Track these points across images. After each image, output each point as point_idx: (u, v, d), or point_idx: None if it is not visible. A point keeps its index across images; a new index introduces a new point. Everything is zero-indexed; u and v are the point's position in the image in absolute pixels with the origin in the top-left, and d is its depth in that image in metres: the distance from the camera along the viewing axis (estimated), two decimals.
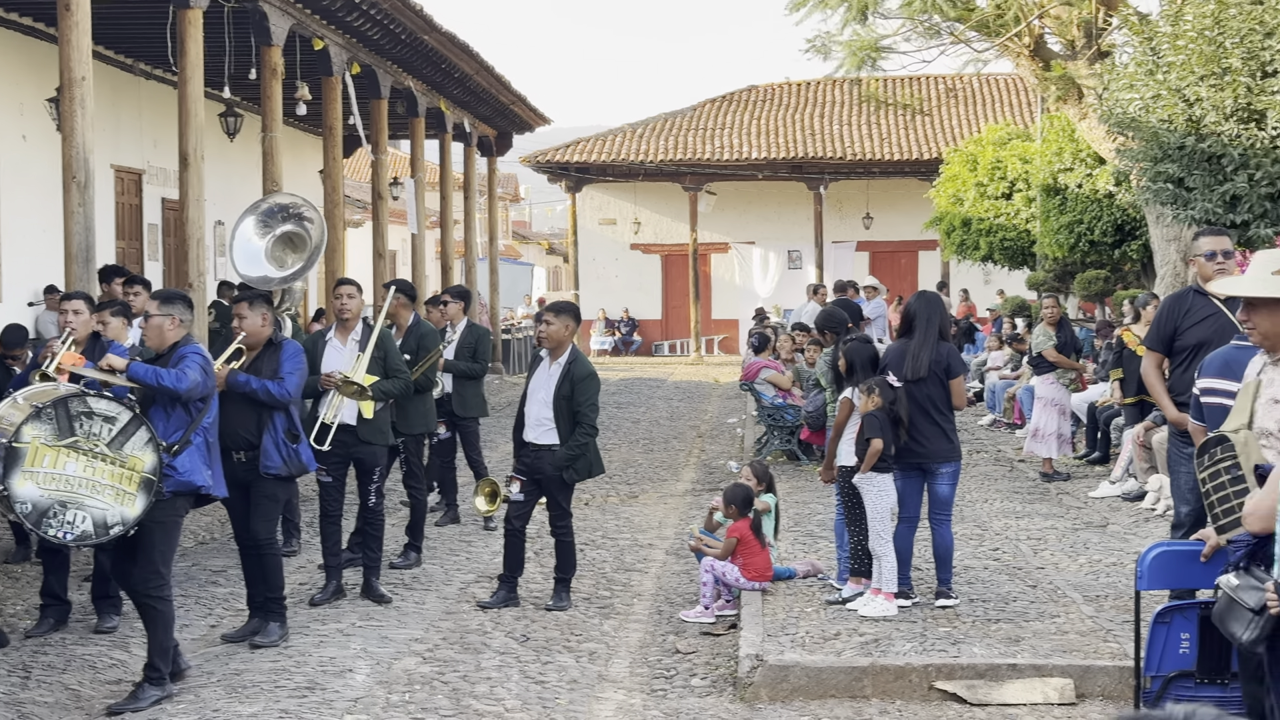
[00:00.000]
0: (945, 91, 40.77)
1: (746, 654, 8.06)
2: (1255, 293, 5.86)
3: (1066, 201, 23.79)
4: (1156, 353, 8.72)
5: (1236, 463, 5.54)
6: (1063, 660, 7.88)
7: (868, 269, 38.08)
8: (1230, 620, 5.01)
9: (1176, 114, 12.84)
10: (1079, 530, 12.09)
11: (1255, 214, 12.29)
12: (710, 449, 18.77)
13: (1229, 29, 12.47)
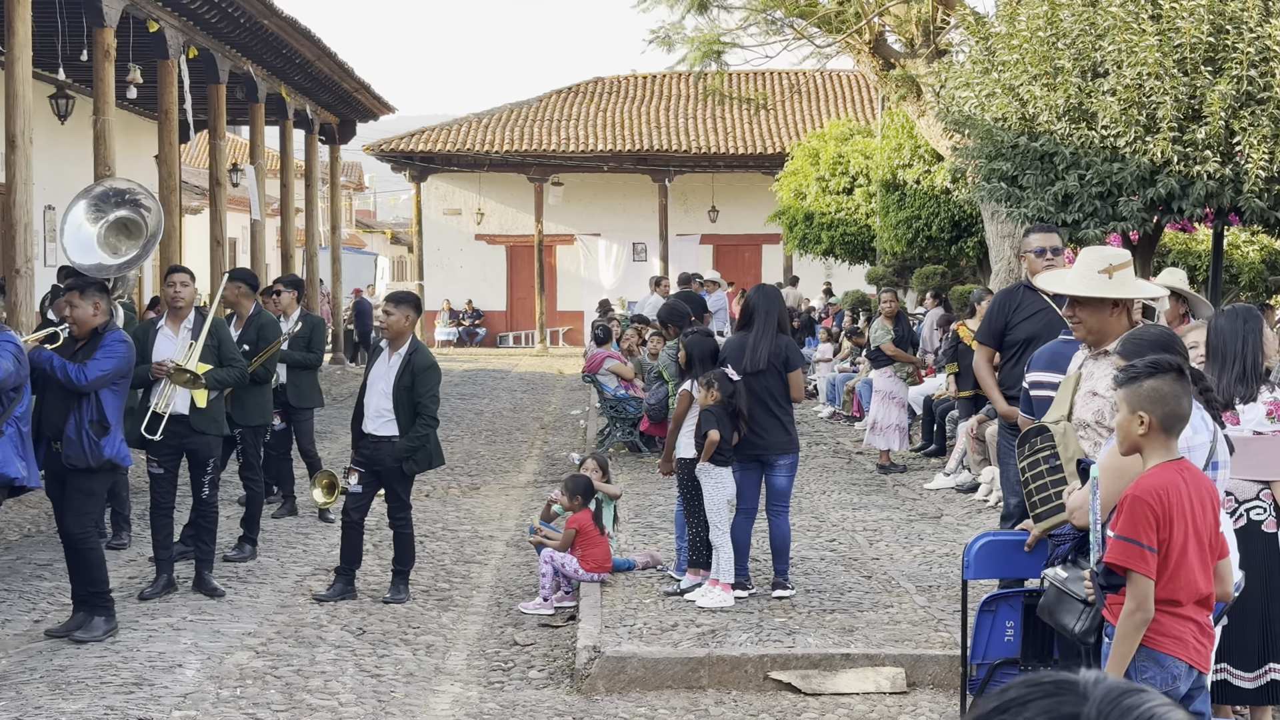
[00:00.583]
0: (789, 87, 41.18)
1: (584, 645, 8.06)
2: (1078, 291, 6.01)
3: (905, 197, 24.19)
4: (988, 347, 8.89)
5: (1055, 453, 5.66)
6: (895, 650, 8.00)
7: (712, 262, 38.34)
8: (1060, 612, 5.12)
9: (1010, 113, 13.08)
10: (914, 521, 12.28)
11: (1086, 213, 12.55)
12: (553, 440, 18.75)
13: (1061, 30, 12.73)
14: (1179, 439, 4.79)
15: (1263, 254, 20.80)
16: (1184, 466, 4.75)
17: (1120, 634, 4.64)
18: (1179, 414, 4.69)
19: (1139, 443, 4.73)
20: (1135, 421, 4.69)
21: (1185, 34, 11.92)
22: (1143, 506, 4.59)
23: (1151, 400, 4.66)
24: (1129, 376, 4.73)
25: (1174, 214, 12.52)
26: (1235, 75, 11.78)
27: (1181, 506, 4.63)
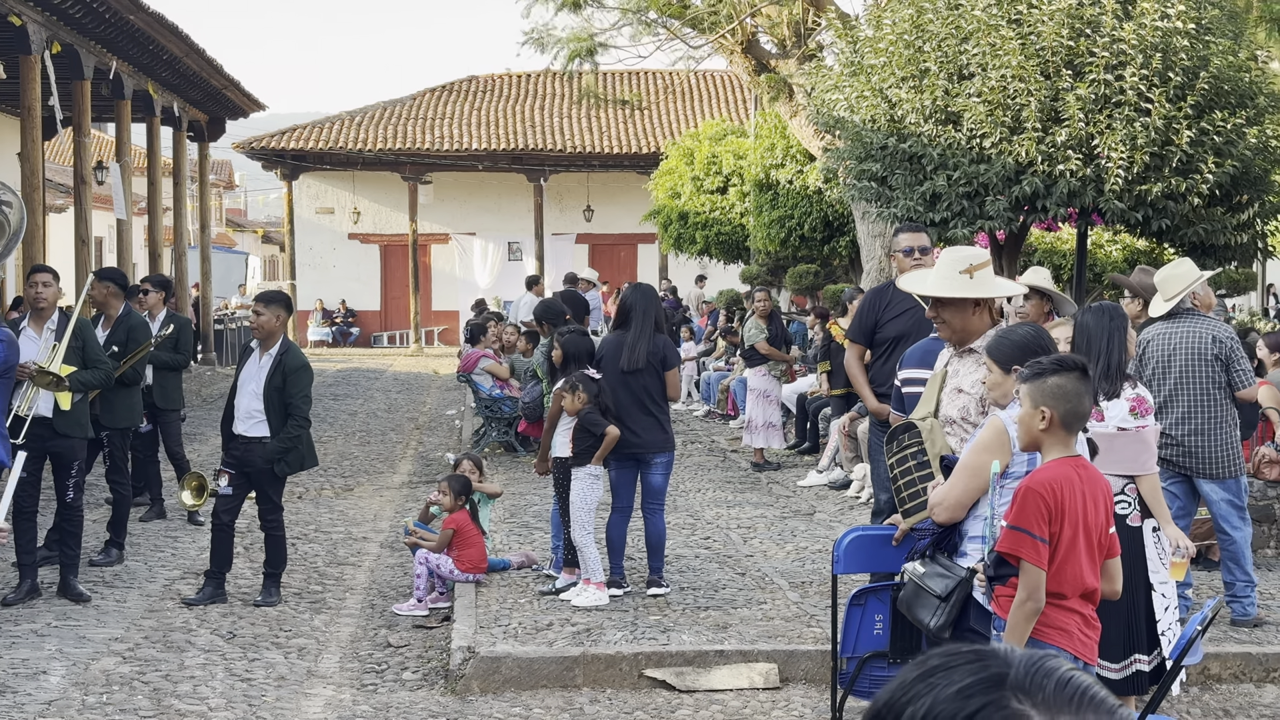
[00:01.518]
0: (663, 87, 41.32)
1: (458, 646, 8.03)
2: (938, 292, 6.12)
3: (778, 197, 24.39)
4: (859, 345, 8.99)
5: (922, 449, 5.75)
6: (768, 645, 8.07)
7: (588, 261, 38.35)
8: (917, 607, 5.19)
9: (879, 114, 13.25)
10: (787, 518, 12.40)
11: (953, 212, 12.76)
12: (428, 441, 18.65)
13: (927, 33, 12.93)
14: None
15: (1125, 253, 21.27)
16: (1080, 464, 4.85)
17: (1011, 624, 4.71)
18: (1079, 412, 4.79)
19: (1039, 437, 4.81)
20: (1037, 416, 4.77)
21: (1046, 38, 12.17)
22: (1036, 498, 4.68)
23: (1054, 396, 4.75)
24: (1034, 373, 4.82)
25: (1039, 213, 12.77)
26: (1093, 79, 12.04)
27: (1074, 501, 4.73)
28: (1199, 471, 8.40)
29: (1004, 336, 5.50)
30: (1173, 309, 8.49)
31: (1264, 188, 13.32)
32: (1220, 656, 7.91)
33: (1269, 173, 13.36)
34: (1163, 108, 11.94)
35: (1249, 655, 7.96)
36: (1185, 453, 8.37)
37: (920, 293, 6.30)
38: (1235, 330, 14.80)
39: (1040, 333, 5.58)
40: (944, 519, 5.23)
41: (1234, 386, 8.41)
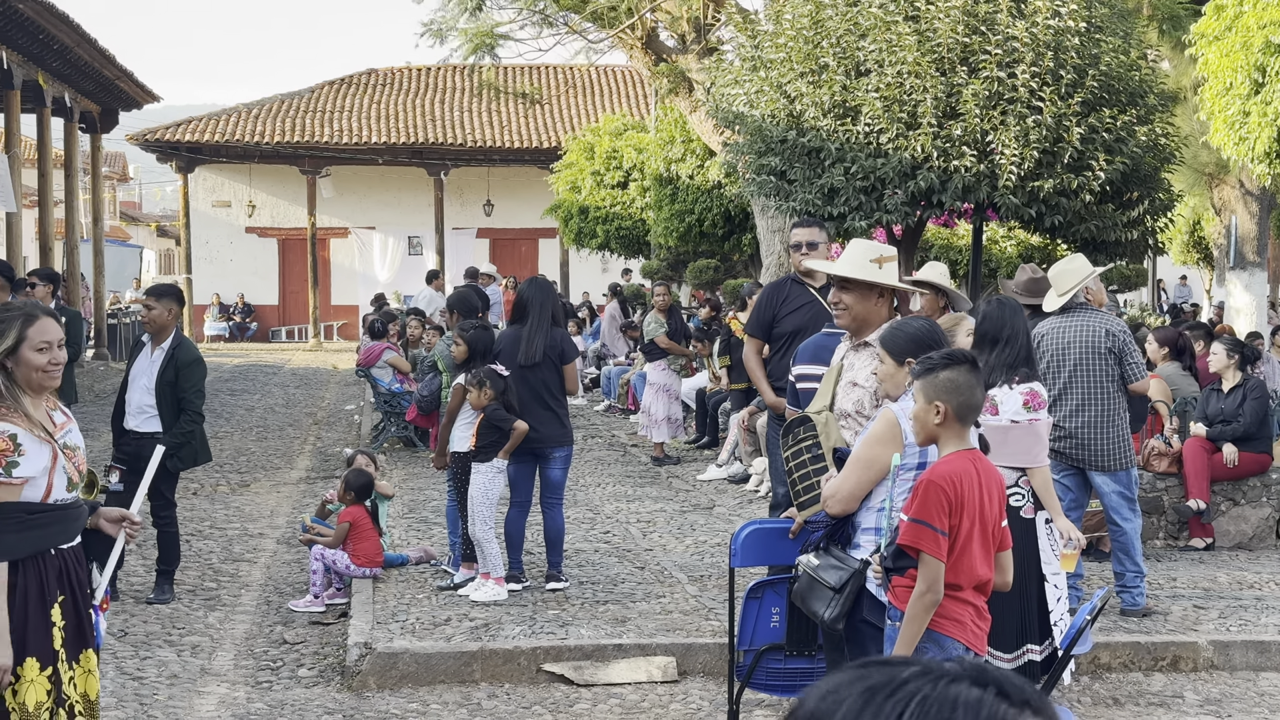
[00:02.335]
0: (564, 81, 41.27)
1: (355, 642, 7.97)
2: (848, 274, 6.17)
3: (679, 192, 24.44)
4: (756, 339, 9.02)
5: (817, 442, 5.79)
6: (667, 639, 8.09)
7: (489, 256, 38.23)
8: (811, 599, 5.22)
9: (778, 109, 13.32)
10: (687, 512, 12.43)
11: (851, 206, 12.85)
12: (327, 436, 18.48)
13: (826, 29, 13.02)
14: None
15: (1019, 249, 21.55)
16: (976, 456, 4.90)
17: (910, 614, 4.75)
18: (972, 404, 4.84)
19: (935, 432, 4.85)
20: (931, 411, 4.81)
21: (942, 34, 12.30)
22: (937, 491, 4.72)
23: (947, 390, 4.79)
24: (925, 368, 4.85)
25: (935, 208, 12.90)
26: (987, 75, 12.19)
27: (972, 494, 4.77)
28: (1091, 464, 8.53)
29: (897, 329, 5.54)
30: (1066, 304, 8.61)
31: (1153, 185, 13.56)
32: (1110, 646, 8.03)
33: (1158, 170, 13.60)
34: (1054, 105, 12.11)
35: (1138, 644, 8.10)
36: (1078, 445, 8.49)
37: (832, 273, 6.33)
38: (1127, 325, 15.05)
39: (934, 327, 5.63)
40: (837, 511, 5.26)
41: (1126, 380, 8.54)
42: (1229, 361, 11.06)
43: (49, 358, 4.77)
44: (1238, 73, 12.77)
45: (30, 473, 4.67)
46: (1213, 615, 8.68)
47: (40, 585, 4.69)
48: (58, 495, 4.78)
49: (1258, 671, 8.02)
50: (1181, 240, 29.14)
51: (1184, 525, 10.97)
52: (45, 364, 4.75)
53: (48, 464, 4.73)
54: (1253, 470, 11.00)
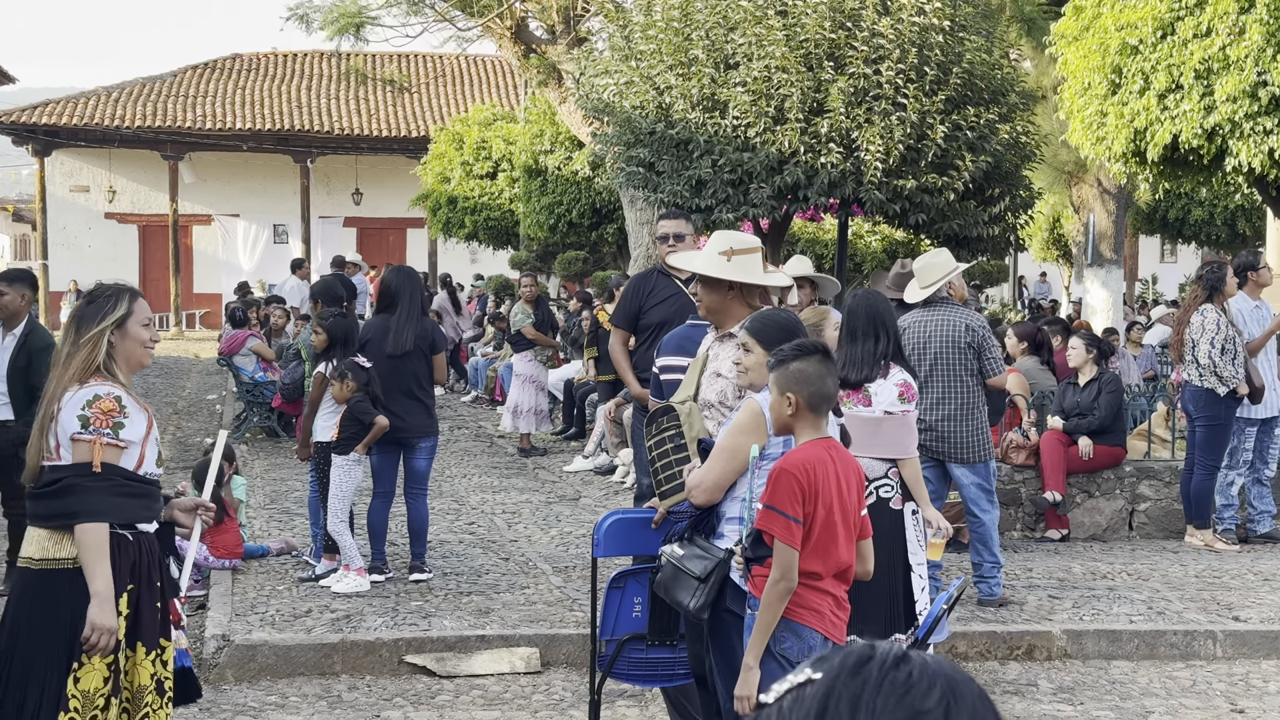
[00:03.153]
0: (433, 70, 40.98)
1: (212, 634, 7.85)
2: (696, 268, 6.21)
3: (548, 183, 24.40)
4: (622, 330, 9.02)
5: (680, 432, 5.79)
6: (530, 630, 8.06)
7: (356, 245, 37.85)
8: (676, 589, 5.22)
9: (648, 100, 13.33)
10: (552, 504, 12.40)
11: (719, 199, 12.91)
12: (187, 426, 18.16)
13: (695, 22, 13.07)
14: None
15: (884, 244, 21.81)
16: (832, 445, 4.93)
17: (765, 603, 4.77)
18: (824, 393, 4.86)
19: (789, 423, 4.88)
20: (784, 403, 4.83)
21: (810, 30, 12.40)
22: (790, 479, 4.74)
23: (798, 381, 4.82)
24: (777, 360, 4.88)
25: (801, 203, 13.00)
26: (853, 72, 12.31)
27: (827, 482, 4.80)
28: (950, 456, 8.64)
29: (767, 319, 5.56)
30: (928, 298, 8.71)
31: (1015, 183, 13.79)
32: (967, 635, 8.16)
33: (1020, 168, 13.84)
34: (918, 102, 12.26)
35: (994, 634, 8.23)
36: (937, 438, 8.60)
37: (687, 268, 6.37)
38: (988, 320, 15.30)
39: (797, 319, 5.66)
40: (701, 501, 5.28)
41: (985, 374, 8.67)
42: (1086, 356, 11.28)
43: (150, 334, 4.99)
44: (1095, 73, 13.03)
45: (132, 437, 4.81)
46: (1067, 605, 8.85)
47: (114, 572, 4.74)
48: (148, 468, 4.89)
49: (1109, 660, 8.20)
50: (1042, 237, 29.75)
51: (1040, 516, 11.17)
52: (147, 339, 4.96)
53: (144, 433, 4.86)
54: (1107, 463, 11.23)
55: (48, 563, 4.75)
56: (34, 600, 4.76)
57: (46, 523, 4.77)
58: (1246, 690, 7.69)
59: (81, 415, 4.73)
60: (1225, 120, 12.05)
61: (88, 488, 4.72)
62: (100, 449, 4.73)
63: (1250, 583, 9.63)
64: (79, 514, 4.69)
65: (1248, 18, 11.80)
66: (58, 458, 4.78)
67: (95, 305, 4.89)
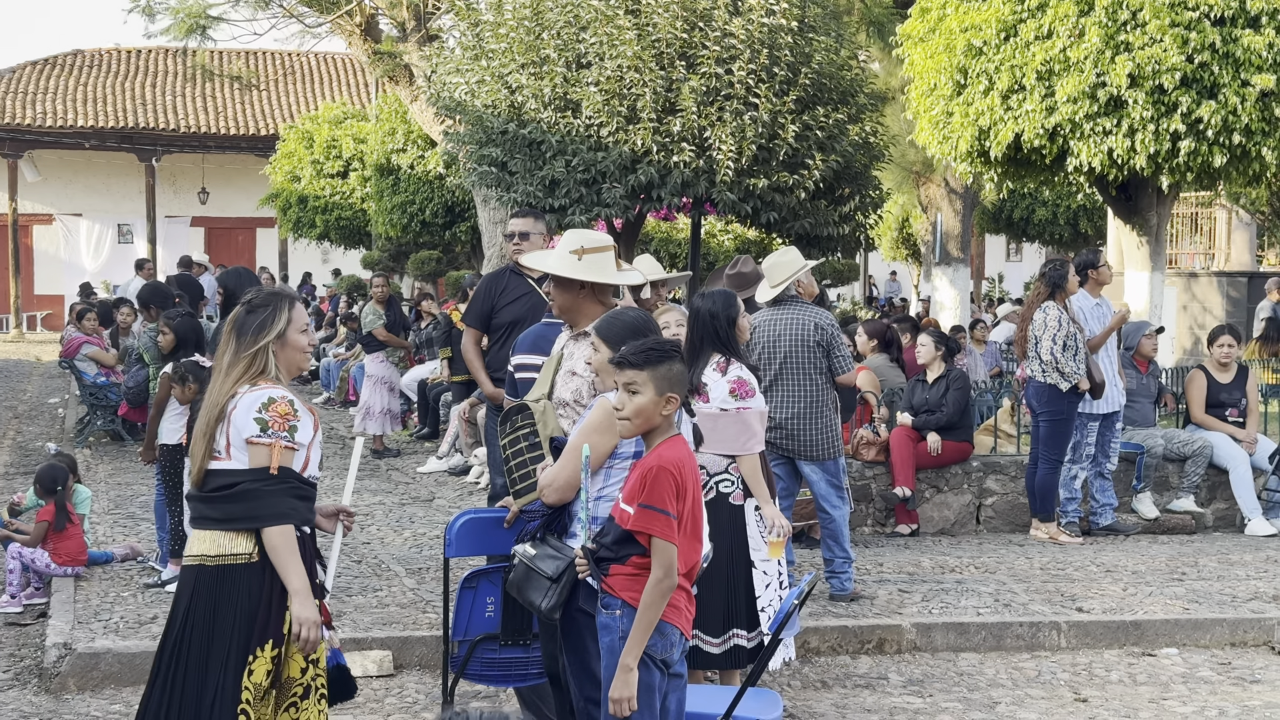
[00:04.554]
0: (282, 67, 40.42)
1: (54, 643, 7.63)
2: (547, 268, 6.19)
3: (400, 182, 24.21)
4: (475, 330, 8.97)
5: (534, 431, 5.77)
6: (383, 633, 7.97)
7: (204, 245, 37.21)
8: (528, 589, 5.19)
9: (500, 100, 13.27)
10: (406, 505, 12.29)
11: (572, 199, 12.89)
12: (28, 430, 17.69)
13: (546, 21, 13.03)
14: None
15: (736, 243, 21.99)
16: (685, 442, 4.95)
17: (647, 602, 4.74)
18: (689, 390, 4.91)
19: (659, 422, 4.87)
20: (663, 404, 4.83)
21: (661, 29, 12.43)
22: (667, 476, 4.74)
23: (679, 382, 4.85)
24: (655, 360, 4.85)
25: (654, 202, 13.04)
26: (705, 71, 12.37)
27: (691, 479, 4.83)
28: (800, 453, 8.71)
29: (613, 319, 5.56)
30: (778, 296, 8.77)
31: (864, 183, 13.97)
32: (819, 630, 8.24)
33: (869, 168, 14.02)
34: (769, 102, 12.36)
35: (846, 628, 8.32)
36: (787, 435, 8.67)
37: (539, 268, 6.34)
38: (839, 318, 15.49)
39: (647, 318, 5.67)
40: (553, 500, 5.25)
41: (834, 372, 8.75)
42: (934, 354, 11.46)
43: (308, 339, 5.06)
44: (941, 74, 13.26)
45: (303, 440, 4.93)
46: (916, 599, 8.98)
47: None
48: (311, 471, 5.00)
49: (957, 652, 8.33)
50: (891, 236, 30.21)
51: (891, 512, 11.32)
52: (305, 345, 5.04)
53: (311, 435, 4.98)
54: (955, 458, 11.42)
55: (225, 558, 4.83)
56: (211, 595, 4.83)
57: (222, 525, 4.85)
58: (1089, 679, 7.86)
59: (259, 419, 4.82)
60: (1066, 121, 12.34)
61: (267, 491, 4.83)
62: (279, 452, 4.84)
63: (1093, 574, 9.85)
64: (264, 518, 4.81)
65: (1087, 20, 12.09)
66: (228, 458, 4.85)
67: (255, 315, 4.94)
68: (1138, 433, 11.83)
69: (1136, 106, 11.97)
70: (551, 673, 5.41)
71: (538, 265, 6.21)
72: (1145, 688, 7.70)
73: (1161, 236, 14.39)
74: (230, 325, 4.98)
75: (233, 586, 4.81)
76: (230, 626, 4.81)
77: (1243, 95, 11.82)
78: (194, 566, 4.87)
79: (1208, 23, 11.83)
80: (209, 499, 4.87)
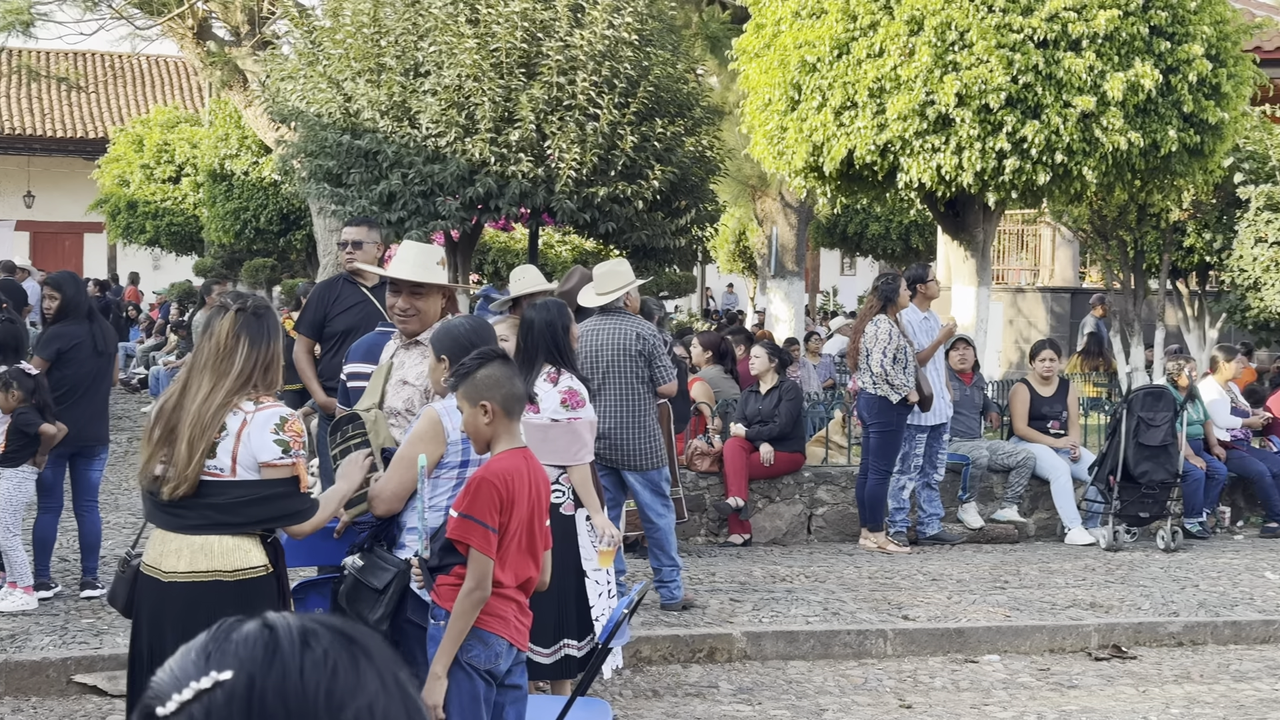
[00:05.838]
0: (112, 69, 39.56)
1: None
2: (422, 278, 6.12)
3: (233, 188, 23.83)
4: (307, 338, 8.88)
5: (365, 440, 5.72)
6: None
7: (29, 251, 36.25)
8: (357, 601, 5.15)
9: (335, 108, 13.12)
10: None
11: (409, 211, 12.79)
12: None
13: (385, 28, 12.92)
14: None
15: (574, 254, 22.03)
16: (527, 454, 4.91)
17: (458, 611, 4.72)
18: (515, 394, 4.84)
19: (487, 433, 4.83)
20: (480, 414, 4.79)
21: (501, 39, 12.41)
22: (490, 488, 4.71)
23: (489, 386, 4.79)
24: (461, 374, 4.83)
25: (492, 213, 13.01)
26: (546, 81, 12.39)
27: (522, 492, 4.79)
28: (623, 463, 8.73)
29: (447, 328, 5.54)
30: (605, 306, 8.80)
31: (701, 195, 14.10)
32: (651, 639, 8.28)
33: (705, 181, 14.16)
34: (609, 113, 12.42)
35: (677, 637, 8.37)
36: (610, 445, 8.68)
37: (404, 278, 6.20)
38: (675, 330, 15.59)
39: (481, 323, 5.65)
40: (382, 511, 5.21)
41: (655, 382, 8.80)
42: (768, 365, 11.59)
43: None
44: (776, 89, 13.42)
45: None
46: (747, 607, 9.07)
47: None
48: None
49: (787, 660, 8.43)
50: (728, 249, 30.52)
51: (724, 522, 11.43)
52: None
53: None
54: (787, 469, 11.56)
55: (244, 572, 4.78)
56: (238, 610, 4.51)
57: (239, 529, 4.78)
58: (914, 686, 8.01)
59: (280, 440, 4.78)
60: (896, 138, 12.58)
61: (296, 495, 4.85)
62: (304, 470, 4.87)
63: (919, 583, 10.05)
64: (299, 513, 4.86)
65: (917, 39, 12.35)
66: (233, 475, 4.77)
67: (263, 321, 4.87)
68: (963, 444, 12.09)
69: (964, 125, 12.25)
70: None
71: (417, 276, 6.11)
72: (968, 694, 7.87)
73: (988, 252, 14.74)
74: (235, 330, 4.82)
75: (254, 599, 4.75)
76: None
77: (1064, 116, 12.17)
78: (208, 583, 4.76)
79: (1032, 45, 12.16)
80: (223, 506, 4.77)
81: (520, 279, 8.37)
